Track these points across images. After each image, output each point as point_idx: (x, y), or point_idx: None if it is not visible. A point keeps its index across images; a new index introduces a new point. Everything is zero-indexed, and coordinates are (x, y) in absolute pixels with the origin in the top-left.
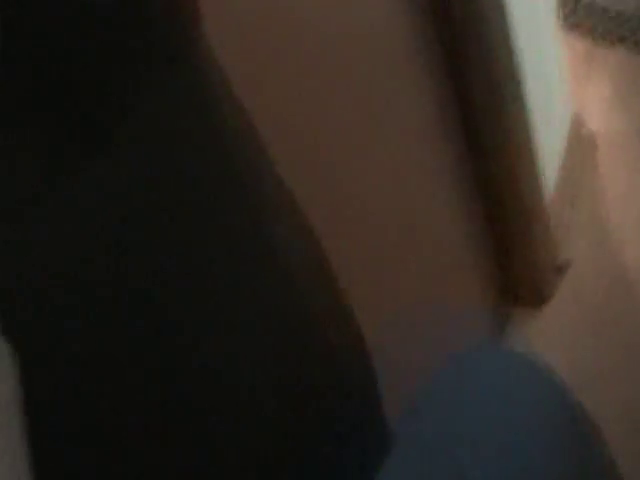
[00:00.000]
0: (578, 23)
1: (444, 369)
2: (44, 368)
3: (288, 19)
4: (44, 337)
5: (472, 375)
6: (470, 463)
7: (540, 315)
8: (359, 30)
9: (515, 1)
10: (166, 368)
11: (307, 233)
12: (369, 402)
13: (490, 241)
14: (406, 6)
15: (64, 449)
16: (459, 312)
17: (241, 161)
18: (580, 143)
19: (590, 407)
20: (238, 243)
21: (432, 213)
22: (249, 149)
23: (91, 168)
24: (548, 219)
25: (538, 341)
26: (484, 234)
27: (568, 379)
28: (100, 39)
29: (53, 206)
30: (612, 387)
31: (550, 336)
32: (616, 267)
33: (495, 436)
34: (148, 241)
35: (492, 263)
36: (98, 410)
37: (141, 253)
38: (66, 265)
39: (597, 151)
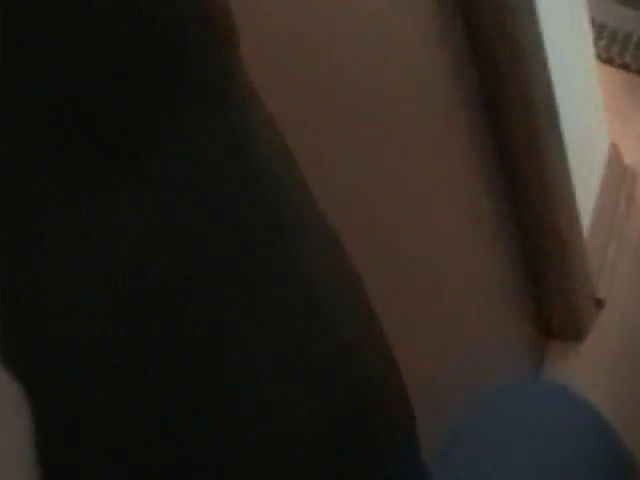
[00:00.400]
0: (614, 57)
1: (483, 402)
2: (58, 405)
3: (328, 52)
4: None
5: (512, 408)
6: None
7: (579, 349)
8: (400, 71)
9: (552, 35)
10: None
11: (338, 258)
12: (404, 434)
13: (528, 275)
14: (447, 43)
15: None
16: (497, 346)
17: (272, 185)
18: (618, 176)
19: (630, 443)
20: (268, 268)
21: (471, 247)
22: (281, 173)
23: (124, 195)
24: (586, 253)
25: (577, 375)
26: (522, 268)
27: (607, 414)
28: (136, 67)
29: (83, 232)
30: None
31: (589, 371)
32: None
33: (537, 472)
34: (178, 268)
35: (530, 297)
36: (117, 439)
37: (169, 278)
38: (92, 291)
39: (636, 184)
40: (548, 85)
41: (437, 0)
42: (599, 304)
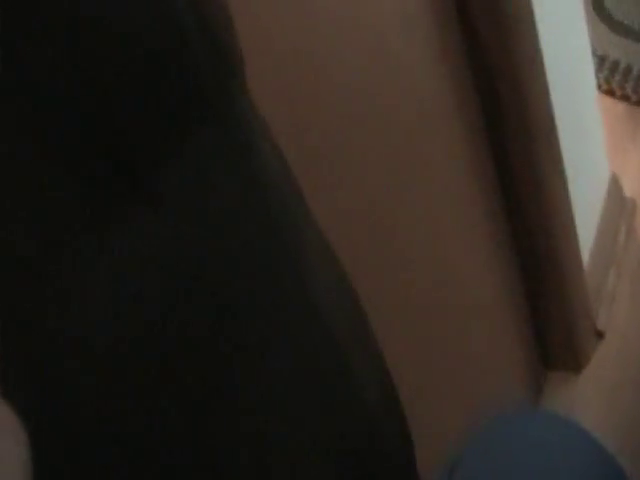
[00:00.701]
0: (614, 89)
1: (482, 432)
2: (57, 435)
3: (333, 75)
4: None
5: (511, 438)
6: None
7: (578, 380)
8: (401, 94)
9: (553, 66)
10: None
11: (346, 286)
12: (405, 463)
13: (528, 305)
14: (449, 75)
15: None
16: (497, 376)
17: (281, 211)
18: (618, 206)
19: (630, 473)
20: (278, 295)
21: (471, 275)
22: (289, 200)
23: (133, 219)
24: (586, 283)
25: (576, 406)
26: (522, 298)
27: (607, 445)
28: (145, 87)
29: (95, 257)
30: None
31: (588, 401)
32: None
33: None
34: (189, 294)
35: (530, 327)
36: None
37: (181, 305)
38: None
39: (635, 215)
40: (549, 115)
41: (439, 27)
42: (598, 335)
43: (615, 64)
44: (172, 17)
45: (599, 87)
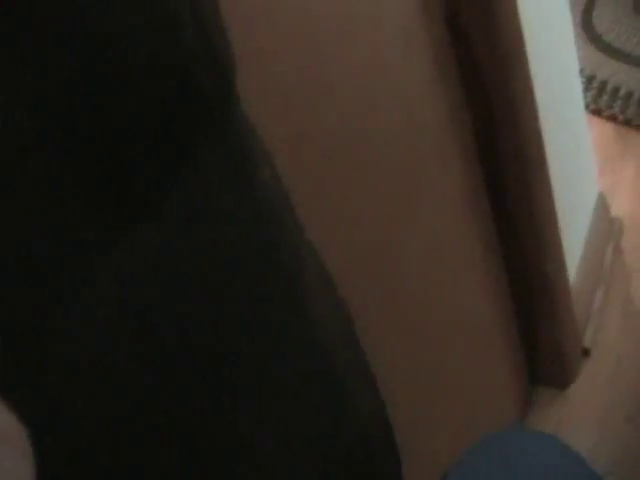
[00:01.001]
0: (602, 108)
1: (469, 451)
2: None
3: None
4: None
5: (500, 457)
6: None
7: (565, 397)
8: (399, 111)
9: (543, 86)
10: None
11: (340, 305)
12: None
13: (516, 322)
14: (443, 94)
15: None
16: (485, 392)
17: (278, 230)
18: (605, 226)
19: None
20: (276, 315)
21: (460, 293)
22: (286, 218)
23: (138, 234)
24: (573, 301)
25: (562, 423)
26: (510, 315)
27: (593, 463)
28: (147, 104)
29: (100, 272)
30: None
31: (575, 418)
32: None
33: None
34: (189, 310)
35: (518, 344)
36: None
37: (182, 321)
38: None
39: (623, 234)
40: (538, 135)
41: (434, 51)
42: (585, 352)
43: (603, 84)
44: (178, 39)
45: (587, 107)
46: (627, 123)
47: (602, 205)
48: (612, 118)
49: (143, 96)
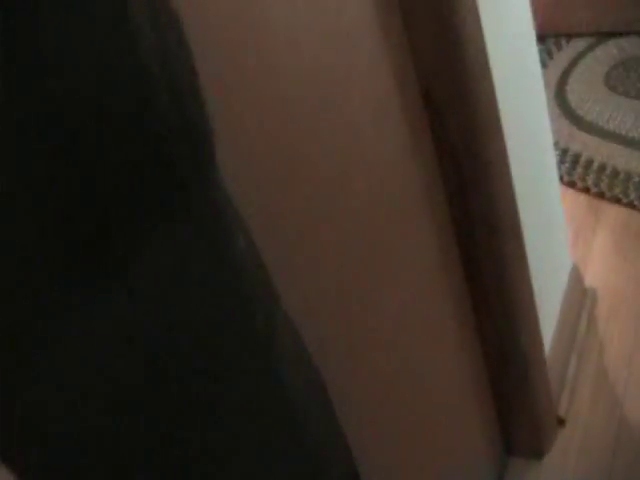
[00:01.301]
0: (575, 180)
1: None
2: None
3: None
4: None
5: None
6: None
7: (540, 467)
8: (374, 182)
9: (517, 159)
10: None
11: (316, 378)
12: None
13: (490, 392)
14: (417, 168)
15: None
16: (459, 461)
17: (251, 298)
18: (579, 296)
19: None
20: (246, 382)
21: (435, 363)
22: (259, 286)
23: (108, 298)
24: (547, 371)
25: None
26: (485, 385)
27: None
28: (119, 171)
29: (68, 336)
30: None
31: None
32: (620, 420)
33: None
34: (156, 375)
35: (492, 413)
36: None
37: (150, 388)
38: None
39: (596, 304)
40: (512, 206)
41: (408, 122)
42: (560, 422)
43: (576, 157)
44: (152, 105)
45: (561, 179)
46: (600, 195)
47: (575, 276)
48: (585, 190)
49: (114, 160)
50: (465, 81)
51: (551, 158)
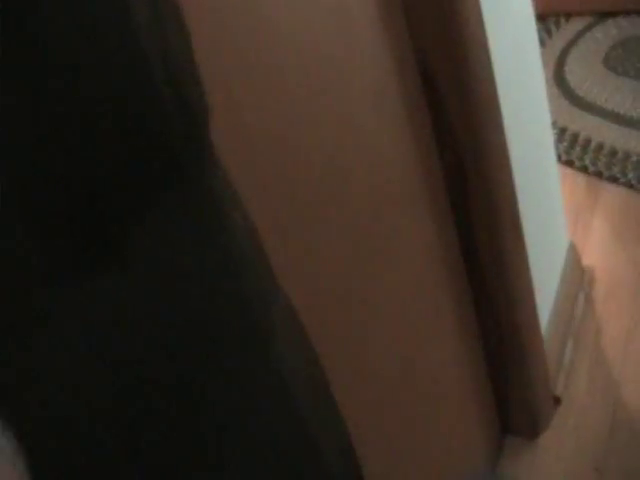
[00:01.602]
0: (574, 160)
1: None
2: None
3: (304, 152)
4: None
5: None
6: None
7: (536, 446)
8: (373, 171)
9: (515, 138)
10: None
11: (314, 361)
12: None
13: (487, 371)
14: (414, 148)
15: None
16: (456, 442)
17: (249, 281)
18: (576, 276)
19: None
20: (245, 368)
21: (432, 344)
22: (258, 270)
23: (103, 281)
24: (544, 351)
25: (533, 472)
26: (482, 365)
27: None
28: (115, 150)
29: (63, 319)
30: None
31: (546, 467)
32: (616, 400)
33: None
34: (153, 359)
35: (489, 393)
36: None
37: (145, 370)
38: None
39: (594, 284)
40: (511, 188)
41: (407, 105)
42: (556, 402)
43: (575, 136)
44: (148, 82)
45: (559, 158)
46: (598, 174)
47: (573, 255)
48: (583, 169)
49: (110, 139)
50: (463, 60)
51: (549, 137)
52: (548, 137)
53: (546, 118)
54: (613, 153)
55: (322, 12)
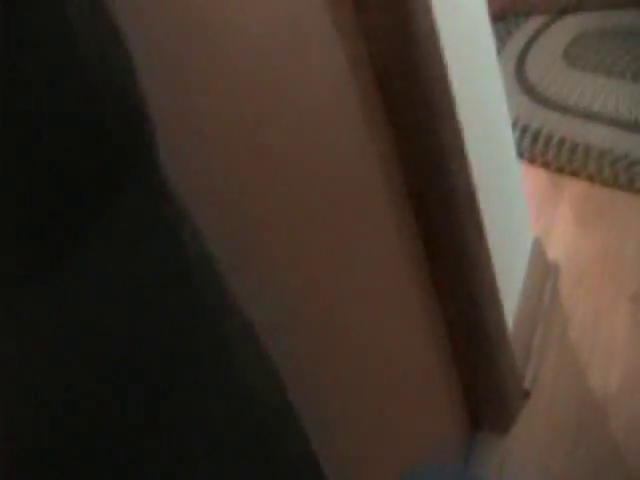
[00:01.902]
0: (536, 156)
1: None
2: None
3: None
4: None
5: None
6: None
7: (506, 440)
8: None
9: (474, 136)
10: None
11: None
12: None
13: (456, 367)
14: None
15: None
16: (425, 437)
17: (201, 289)
18: (542, 270)
19: None
20: (200, 371)
21: (400, 340)
22: (209, 279)
23: (52, 284)
24: (511, 345)
25: (504, 465)
26: (450, 361)
27: None
28: (78, 145)
29: (33, 300)
30: None
31: (517, 460)
32: (584, 389)
33: None
34: (107, 352)
35: (458, 389)
36: None
37: (95, 373)
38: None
39: (559, 277)
40: (469, 184)
41: (363, 106)
42: (525, 394)
43: (536, 133)
44: (87, 85)
45: (522, 155)
46: (560, 170)
47: (538, 249)
48: (545, 165)
49: (54, 142)
50: (415, 59)
51: (509, 134)
52: (508, 134)
53: (505, 116)
54: (574, 147)
55: (275, 23)
